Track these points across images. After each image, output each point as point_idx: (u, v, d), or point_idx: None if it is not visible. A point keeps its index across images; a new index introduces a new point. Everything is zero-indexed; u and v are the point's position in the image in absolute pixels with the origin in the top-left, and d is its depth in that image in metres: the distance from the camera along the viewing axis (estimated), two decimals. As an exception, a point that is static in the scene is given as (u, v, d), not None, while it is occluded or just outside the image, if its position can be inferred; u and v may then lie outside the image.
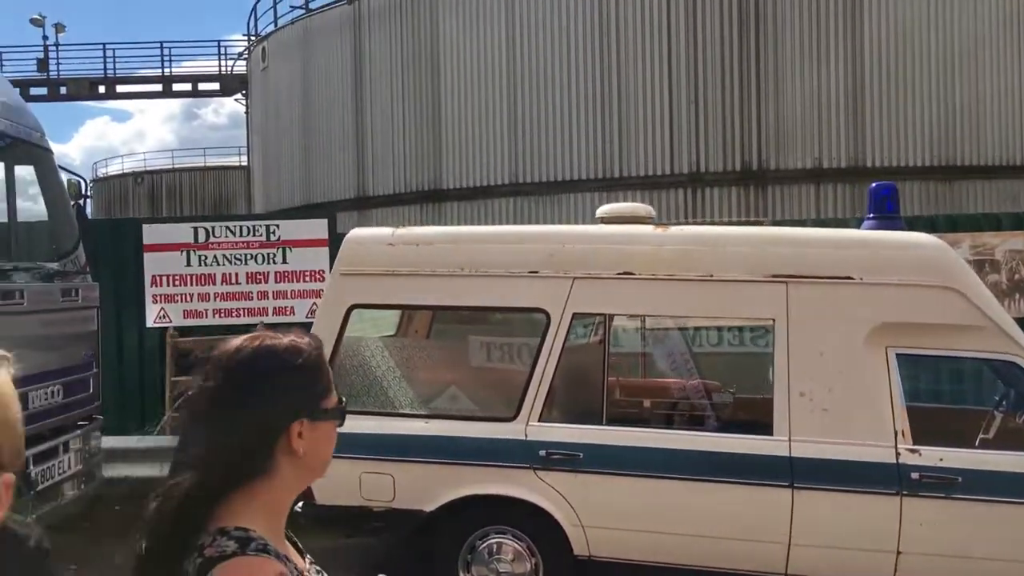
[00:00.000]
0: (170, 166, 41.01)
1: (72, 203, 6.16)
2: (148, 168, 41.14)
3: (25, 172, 5.98)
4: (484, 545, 4.94)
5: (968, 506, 4.32)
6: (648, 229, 5.09)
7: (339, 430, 1.62)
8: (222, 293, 7.44)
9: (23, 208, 6.23)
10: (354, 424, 5.31)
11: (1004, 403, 4.87)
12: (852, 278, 4.59)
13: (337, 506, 5.10)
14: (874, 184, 5.07)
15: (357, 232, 5.39)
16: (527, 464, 4.83)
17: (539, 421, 4.88)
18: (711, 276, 4.76)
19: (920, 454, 4.41)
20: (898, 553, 4.38)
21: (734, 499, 4.57)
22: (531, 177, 17.50)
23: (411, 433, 5.03)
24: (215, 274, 7.43)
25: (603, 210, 5.54)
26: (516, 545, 4.91)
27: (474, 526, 4.97)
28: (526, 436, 4.86)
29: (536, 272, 4.98)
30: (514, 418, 4.92)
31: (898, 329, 4.55)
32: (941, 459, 4.38)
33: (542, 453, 4.80)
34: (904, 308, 4.55)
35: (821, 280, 4.63)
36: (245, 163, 31.54)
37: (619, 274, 4.87)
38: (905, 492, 4.37)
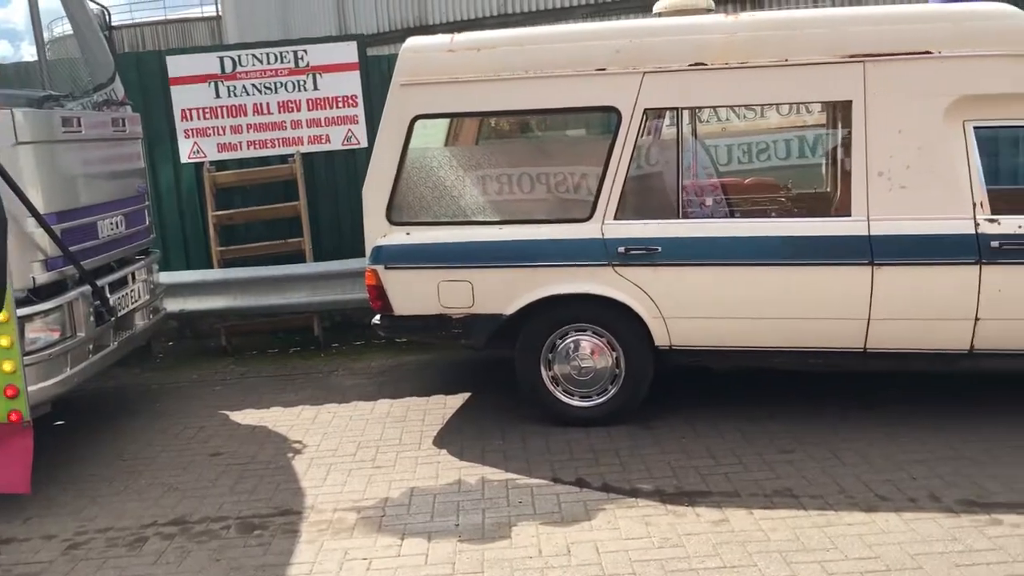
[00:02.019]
0: (130, 20, 39.30)
1: (103, 32, 5.93)
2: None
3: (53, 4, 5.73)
4: (565, 343, 5.08)
5: (1045, 269, 4.46)
6: (718, 17, 4.99)
7: (412, 241, 1.53)
8: (255, 124, 7.27)
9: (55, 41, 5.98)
10: (428, 235, 5.41)
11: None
12: (931, 52, 4.56)
13: (415, 316, 5.21)
14: (942, -41, 4.96)
15: (414, 41, 5.25)
16: (605, 262, 4.90)
17: (615, 219, 4.93)
18: (787, 61, 4.71)
19: (999, 223, 4.51)
20: (976, 320, 4.55)
21: (815, 280, 4.69)
22: (519, 7, 16.99)
23: (487, 240, 5.07)
24: (246, 105, 7.25)
25: (660, 5, 5.42)
26: (596, 341, 5.05)
27: (554, 325, 5.09)
28: (603, 235, 4.92)
29: (604, 69, 4.91)
30: (590, 218, 4.96)
31: (977, 101, 4.55)
32: (1020, 226, 4.49)
33: (620, 249, 4.87)
34: (984, 80, 4.54)
35: (900, 56, 4.59)
36: (208, 14, 30.19)
37: (691, 65, 4.81)
38: (985, 260, 4.49)
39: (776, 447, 4.65)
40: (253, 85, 7.29)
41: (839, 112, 5.14)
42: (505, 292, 5.06)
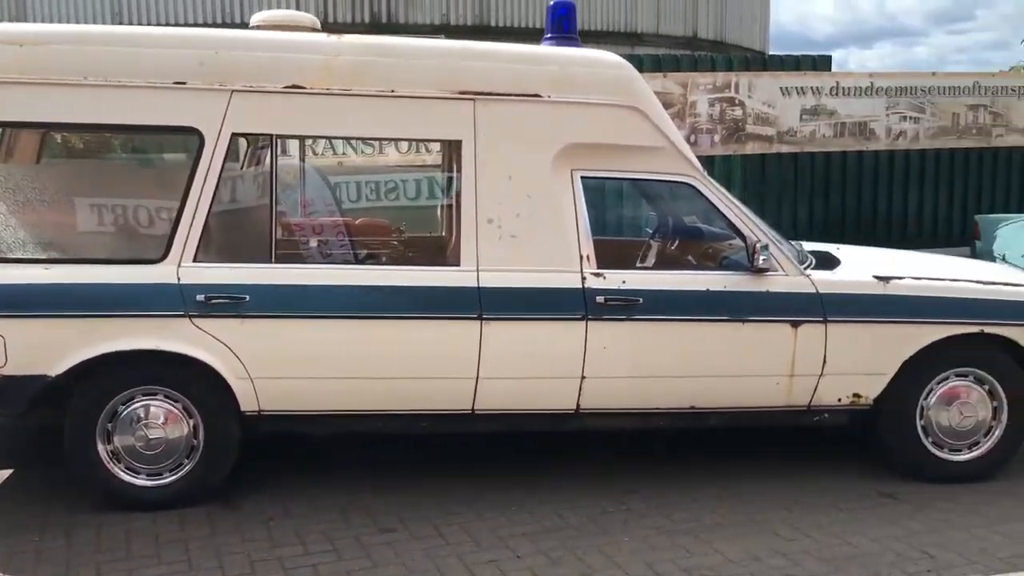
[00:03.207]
0: None
1: None
2: None
3: None
4: (130, 410, 4.18)
5: (647, 326, 4.37)
6: (320, 36, 4.41)
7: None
8: None
9: None
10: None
11: (679, 224, 5.00)
12: (540, 96, 4.33)
13: (-79, 380, 4.03)
14: (552, 2, 4.80)
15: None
16: (182, 312, 4.09)
17: (195, 262, 4.15)
18: (393, 92, 4.25)
19: (604, 277, 4.36)
20: (583, 378, 4.35)
21: (422, 336, 4.24)
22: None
23: (26, 282, 4.04)
24: None
25: (258, 17, 4.73)
26: (170, 406, 4.21)
27: (116, 388, 4.17)
28: (179, 279, 4.11)
29: (184, 83, 4.13)
30: (164, 258, 4.13)
31: (584, 150, 4.39)
32: (624, 281, 4.37)
33: (200, 298, 4.09)
34: (590, 128, 4.39)
35: (510, 97, 4.31)
36: None
37: (287, 87, 4.18)
38: (591, 316, 4.31)
39: (378, 525, 4.10)
40: None
41: (452, 152, 4.77)
42: (51, 348, 4.06)
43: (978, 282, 4.83)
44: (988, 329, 4.65)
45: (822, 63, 8.92)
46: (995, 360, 4.71)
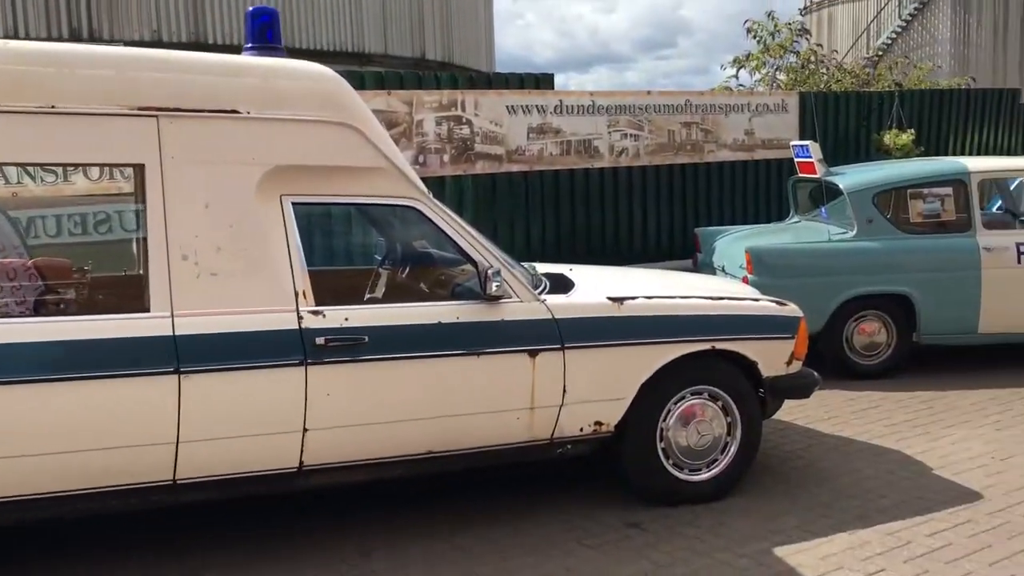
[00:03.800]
0: None
1: None
2: None
3: None
4: None
5: (376, 367, 3.94)
6: (-43, 40, 3.59)
7: None
8: None
9: None
10: None
11: (408, 251, 4.61)
12: (239, 112, 3.78)
13: None
14: (252, 8, 4.25)
15: None
16: None
17: None
18: (53, 107, 3.53)
19: (324, 316, 3.87)
20: (305, 431, 3.83)
21: (106, 398, 3.53)
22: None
23: None
24: None
25: None
26: None
27: None
28: None
29: None
30: None
31: (293, 173, 3.89)
32: (347, 319, 3.91)
33: None
34: (299, 148, 3.90)
35: (203, 114, 3.72)
36: None
37: (-88, 101, 3.37)
38: (311, 360, 3.80)
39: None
40: None
41: (138, 179, 4.06)
42: None
43: (707, 298, 4.82)
44: (718, 345, 4.63)
45: (545, 81, 8.94)
46: (727, 376, 4.71)
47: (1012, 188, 8.39)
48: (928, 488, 4.80)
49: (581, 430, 4.42)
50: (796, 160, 7.93)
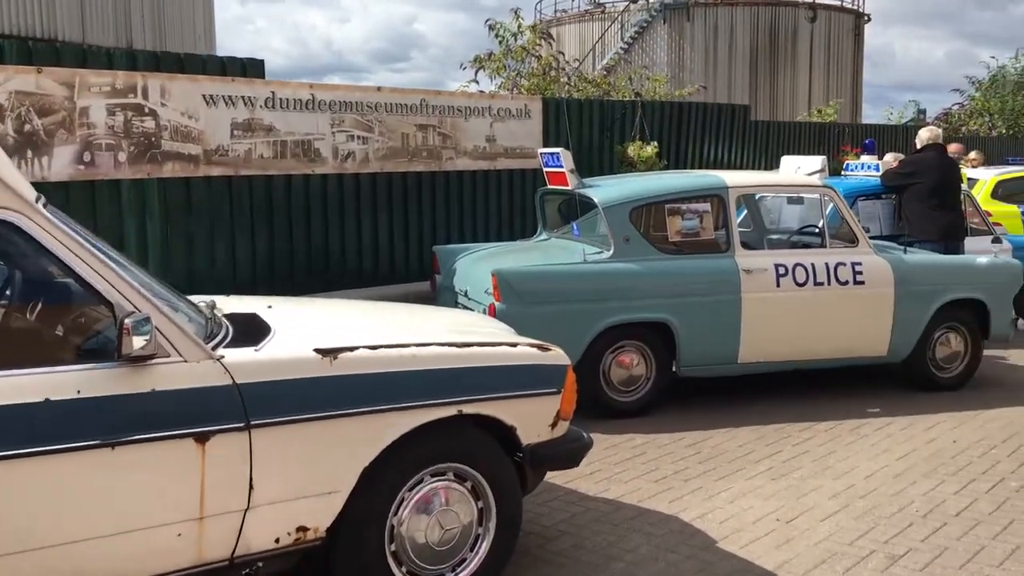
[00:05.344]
0: None
1: None
2: None
3: None
4: None
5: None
6: None
7: None
8: None
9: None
10: None
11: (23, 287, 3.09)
12: None
13: None
14: None
15: None
16: None
17: None
18: None
19: None
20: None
21: None
22: None
23: None
24: None
25: None
26: None
27: None
28: None
29: None
30: None
31: None
32: None
33: None
34: None
35: None
36: None
37: None
38: None
39: None
40: None
41: None
42: None
43: (451, 345, 3.65)
44: (467, 408, 3.48)
45: (253, 68, 7.46)
46: (478, 447, 3.57)
47: (762, 205, 8.00)
48: (718, 574, 3.93)
49: (278, 541, 3.11)
50: (545, 170, 7.02)
